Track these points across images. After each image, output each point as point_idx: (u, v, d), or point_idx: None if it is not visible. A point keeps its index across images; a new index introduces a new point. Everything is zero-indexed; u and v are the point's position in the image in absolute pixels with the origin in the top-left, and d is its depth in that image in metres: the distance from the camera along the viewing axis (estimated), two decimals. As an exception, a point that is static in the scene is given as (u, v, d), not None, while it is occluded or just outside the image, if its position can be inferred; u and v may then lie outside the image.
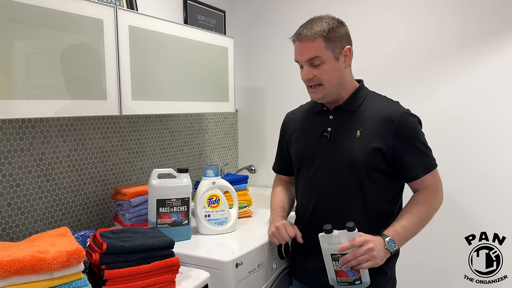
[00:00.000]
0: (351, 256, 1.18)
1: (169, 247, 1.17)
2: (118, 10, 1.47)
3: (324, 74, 1.30)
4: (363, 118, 1.34)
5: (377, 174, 1.31)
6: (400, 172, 1.33)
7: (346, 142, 1.33)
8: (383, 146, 1.29)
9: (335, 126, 1.37)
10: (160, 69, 1.68)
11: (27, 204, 1.49)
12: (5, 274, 0.88)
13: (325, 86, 1.31)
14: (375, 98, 1.39)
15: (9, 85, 1.18)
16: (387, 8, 2.24)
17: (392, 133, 1.29)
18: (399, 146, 1.29)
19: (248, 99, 2.73)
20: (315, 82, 1.32)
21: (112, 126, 1.81)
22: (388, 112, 1.32)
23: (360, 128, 1.32)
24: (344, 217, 1.27)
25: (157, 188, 1.50)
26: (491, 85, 2.04)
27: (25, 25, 1.20)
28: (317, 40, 1.27)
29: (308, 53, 1.29)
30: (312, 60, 1.29)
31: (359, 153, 1.30)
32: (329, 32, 1.27)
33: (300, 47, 1.31)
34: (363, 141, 1.30)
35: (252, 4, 2.65)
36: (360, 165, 1.30)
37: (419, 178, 1.31)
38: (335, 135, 1.35)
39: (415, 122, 1.33)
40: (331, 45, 1.28)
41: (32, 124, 1.49)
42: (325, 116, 1.40)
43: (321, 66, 1.29)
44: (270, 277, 1.49)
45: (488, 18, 2.02)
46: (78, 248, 0.97)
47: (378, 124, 1.31)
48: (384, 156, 1.30)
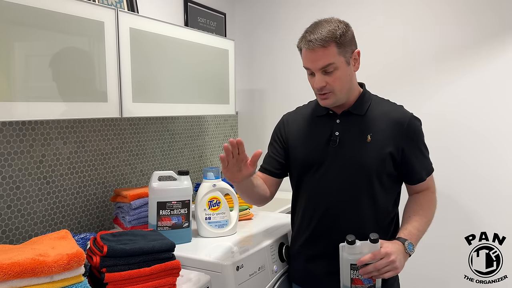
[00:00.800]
0: (373, 267, 1.16)
1: (170, 250, 1.17)
2: (119, 13, 1.47)
3: (336, 81, 1.26)
4: (372, 122, 1.32)
5: (387, 179, 1.32)
6: (406, 175, 1.34)
7: (358, 147, 1.31)
8: (393, 150, 1.30)
9: (343, 130, 1.34)
10: (161, 71, 1.68)
11: (27, 206, 1.48)
12: (5, 277, 0.87)
13: (335, 93, 1.28)
14: (379, 101, 1.39)
15: (9, 87, 1.17)
16: (386, 10, 2.24)
17: (402, 137, 1.30)
18: (407, 149, 1.31)
19: (248, 102, 2.73)
20: (327, 90, 1.28)
21: (113, 128, 1.81)
22: (397, 116, 1.32)
23: (371, 133, 1.31)
24: (355, 222, 1.29)
25: (157, 191, 1.50)
26: (491, 86, 2.04)
27: (25, 27, 1.20)
28: (330, 46, 1.22)
29: (321, 61, 1.23)
30: (325, 67, 1.24)
31: (372, 158, 1.29)
32: (341, 37, 1.23)
33: (311, 55, 1.25)
34: (375, 146, 1.30)
35: (253, 7, 2.66)
36: (373, 170, 1.29)
37: (423, 180, 1.35)
38: (344, 140, 1.33)
39: (420, 125, 1.35)
40: (343, 50, 1.24)
41: (32, 126, 1.49)
42: (331, 120, 1.37)
43: (334, 73, 1.25)
44: (270, 280, 1.48)
45: (488, 20, 2.02)
46: (79, 251, 0.97)
47: (388, 128, 1.31)
48: (394, 160, 1.31)
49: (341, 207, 1.33)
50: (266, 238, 1.54)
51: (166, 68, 1.70)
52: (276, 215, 1.89)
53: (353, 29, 1.31)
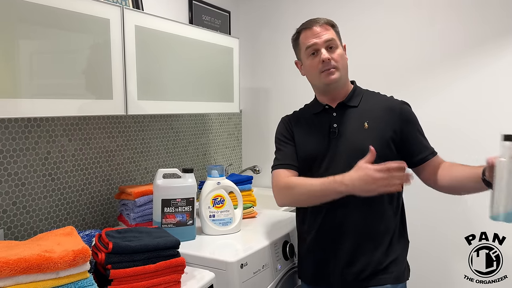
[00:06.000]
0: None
1: (175, 247, 1.17)
2: (124, 10, 1.47)
3: (339, 58, 1.38)
4: (366, 111, 1.40)
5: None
6: (409, 155, 1.37)
7: (356, 134, 1.37)
8: (392, 133, 1.35)
9: (340, 121, 1.40)
10: (166, 69, 1.68)
11: (32, 203, 1.49)
12: (12, 273, 0.88)
13: (339, 69, 1.38)
14: (371, 94, 1.48)
15: (15, 84, 1.18)
16: (387, 13, 2.23)
17: (397, 119, 1.37)
18: (405, 130, 1.37)
19: (253, 100, 2.73)
20: (333, 65, 1.37)
21: (117, 126, 1.81)
22: (389, 103, 1.41)
23: (367, 120, 1.37)
24: (363, 208, 1.32)
25: (162, 188, 1.50)
26: (491, 87, 2.03)
27: (31, 25, 1.20)
28: (331, 28, 1.40)
29: (326, 35, 1.37)
30: (330, 41, 1.37)
31: (370, 142, 1.28)
32: (336, 27, 1.43)
33: (316, 30, 1.38)
34: (373, 131, 1.36)
35: (257, 5, 2.65)
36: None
37: (428, 159, 1.38)
38: (342, 130, 1.39)
39: (411, 109, 1.42)
40: (338, 37, 1.42)
41: (37, 123, 1.50)
42: (328, 114, 1.43)
43: (336, 50, 1.38)
44: (274, 278, 1.48)
45: (489, 22, 2.01)
46: (84, 248, 0.97)
47: (383, 114, 1.38)
48: (394, 142, 1.36)
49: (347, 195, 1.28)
50: (270, 236, 1.54)
51: (170, 66, 1.70)
52: (280, 213, 1.89)
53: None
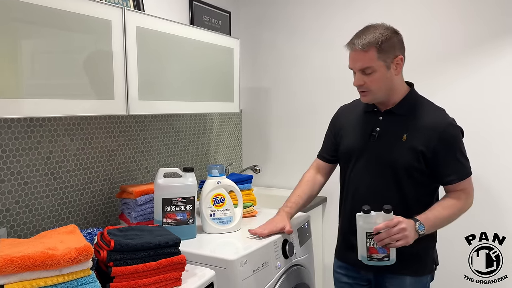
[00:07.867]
0: (386, 234, 1.27)
1: (176, 245, 1.19)
2: (126, 11, 1.48)
3: (373, 82, 1.37)
4: (410, 123, 1.42)
5: (419, 175, 1.40)
6: (436, 176, 1.42)
7: (392, 144, 1.42)
8: (424, 149, 1.38)
9: (383, 127, 1.45)
10: (166, 70, 1.70)
11: (34, 202, 1.51)
12: (16, 270, 0.89)
13: (373, 92, 1.40)
14: (423, 104, 1.46)
15: (17, 84, 1.19)
16: (388, 12, 2.24)
17: (435, 138, 1.37)
18: (438, 152, 1.38)
19: (253, 100, 2.74)
20: (365, 88, 1.40)
21: (119, 125, 1.83)
22: (435, 120, 1.40)
23: (407, 133, 1.40)
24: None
25: (163, 187, 1.52)
26: (491, 88, 2.04)
27: (33, 25, 1.22)
28: (370, 51, 1.33)
29: (360, 63, 1.36)
30: (364, 69, 1.36)
31: (402, 155, 1.40)
32: (382, 44, 1.32)
33: (353, 56, 1.38)
34: (408, 144, 1.40)
35: (258, 5, 2.67)
36: (401, 165, 1.40)
37: (452, 184, 1.41)
38: (382, 136, 1.45)
39: (459, 132, 1.41)
40: (383, 55, 1.34)
41: (40, 123, 1.51)
42: (375, 116, 1.48)
43: (372, 75, 1.36)
44: (274, 276, 1.50)
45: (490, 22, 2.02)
46: (87, 245, 0.99)
47: (425, 129, 1.39)
48: (424, 158, 1.39)
49: (370, 195, 1.45)
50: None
51: (171, 66, 1.72)
52: (280, 212, 1.90)
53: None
